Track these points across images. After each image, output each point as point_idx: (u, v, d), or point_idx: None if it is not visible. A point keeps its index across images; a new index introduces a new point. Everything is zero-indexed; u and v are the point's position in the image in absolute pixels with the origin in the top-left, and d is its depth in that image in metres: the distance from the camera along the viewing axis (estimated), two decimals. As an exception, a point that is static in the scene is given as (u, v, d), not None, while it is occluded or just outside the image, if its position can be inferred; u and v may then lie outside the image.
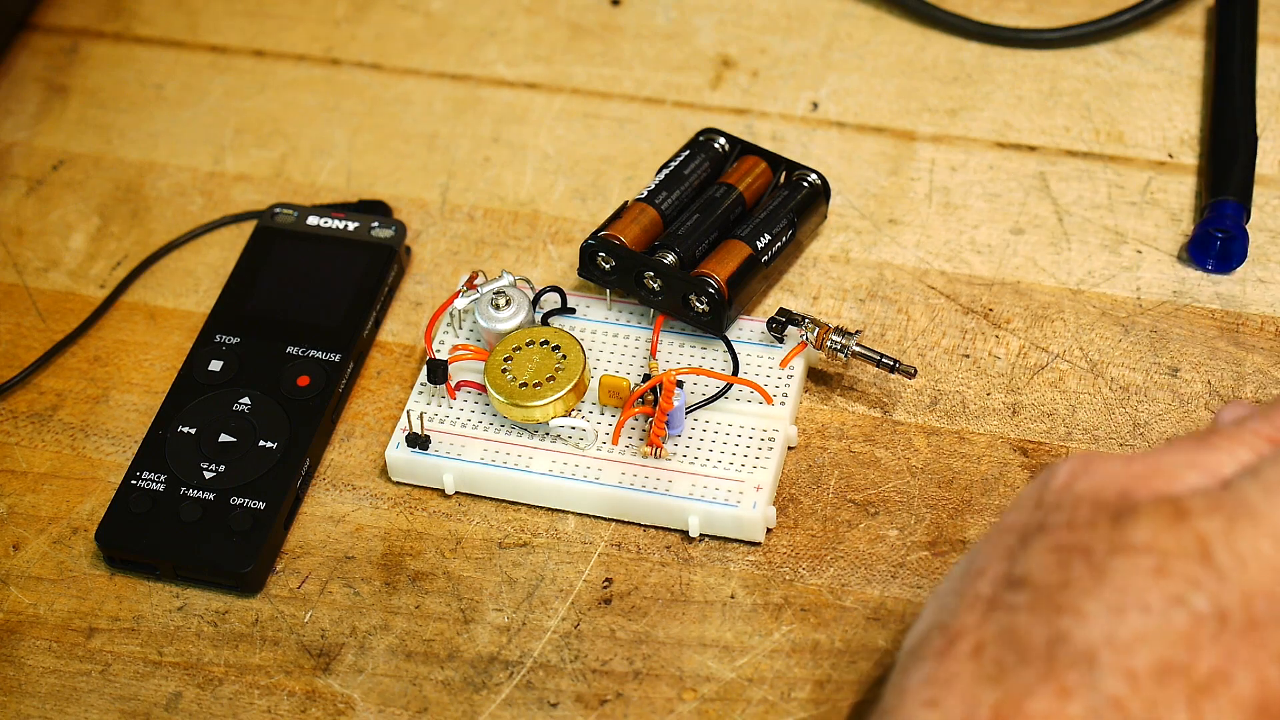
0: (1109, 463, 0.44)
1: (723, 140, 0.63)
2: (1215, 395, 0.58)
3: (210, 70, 0.72)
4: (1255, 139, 0.64)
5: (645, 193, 0.61)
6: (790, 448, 0.58)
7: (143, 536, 0.56)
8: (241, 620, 0.55)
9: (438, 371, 0.58)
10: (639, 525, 0.56)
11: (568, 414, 0.57)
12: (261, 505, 0.56)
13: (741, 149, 0.63)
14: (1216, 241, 0.61)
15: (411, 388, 0.60)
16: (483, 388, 0.58)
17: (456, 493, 0.58)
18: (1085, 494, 0.43)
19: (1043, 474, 0.45)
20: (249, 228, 0.66)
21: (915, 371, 0.58)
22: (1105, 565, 0.41)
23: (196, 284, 0.65)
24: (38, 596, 0.56)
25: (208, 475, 0.57)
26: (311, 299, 0.62)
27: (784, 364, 0.58)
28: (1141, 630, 0.40)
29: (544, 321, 0.60)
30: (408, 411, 0.58)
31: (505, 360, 0.57)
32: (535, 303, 0.60)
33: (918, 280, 0.62)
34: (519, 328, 0.59)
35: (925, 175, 0.66)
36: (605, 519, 0.57)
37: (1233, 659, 0.39)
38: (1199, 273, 0.62)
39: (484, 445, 0.57)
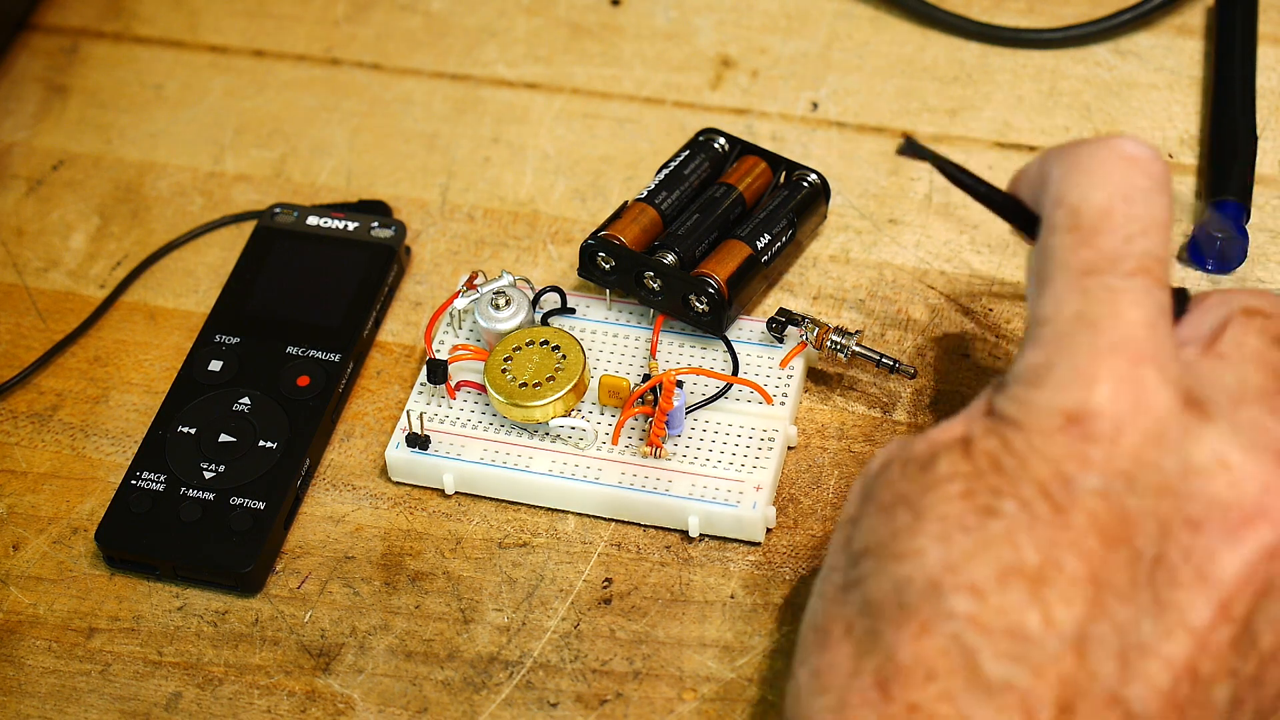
0: (919, 435, 0.46)
1: (723, 140, 0.63)
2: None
3: (210, 70, 0.72)
4: (1255, 139, 0.64)
5: (645, 193, 0.61)
6: (790, 448, 0.58)
7: (143, 536, 0.56)
8: (241, 620, 0.55)
9: (438, 371, 0.58)
10: (639, 525, 0.56)
11: (568, 414, 0.57)
12: (261, 505, 0.56)
13: (741, 149, 0.63)
14: (1217, 242, 0.61)
15: (411, 388, 0.60)
16: (483, 388, 0.58)
17: (456, 493, 0.58)
18: (896, 457, 0.46)
19: (862, 470, 0.48)
20: (249, 228, 0.66)
21: (915, 372, 0.58)
22: (921, 504, 0.43)
23: (196, 284, 0.65)
24: (38, 596, 0.56)
25: (208, 475, 0.57)
26: (311, 299, 0.62)
27: (784, 364, 0.58)
28: (968, 547, 0.42)
29: (544, 321, 0.60)
30: (408, 411, 0.58)
31: (505, 360, 0.57)
32: (535, 303, 0.60)
33: (918, 280, 0.62)
34: (519, 328, 0.59)
35: (925, 175, 0.66)
36: (605, 519, 0.57)
37: (1054, 545, 0.42)
38: (1199, 273, 0.62)
39: (484, 445, 0.57)
